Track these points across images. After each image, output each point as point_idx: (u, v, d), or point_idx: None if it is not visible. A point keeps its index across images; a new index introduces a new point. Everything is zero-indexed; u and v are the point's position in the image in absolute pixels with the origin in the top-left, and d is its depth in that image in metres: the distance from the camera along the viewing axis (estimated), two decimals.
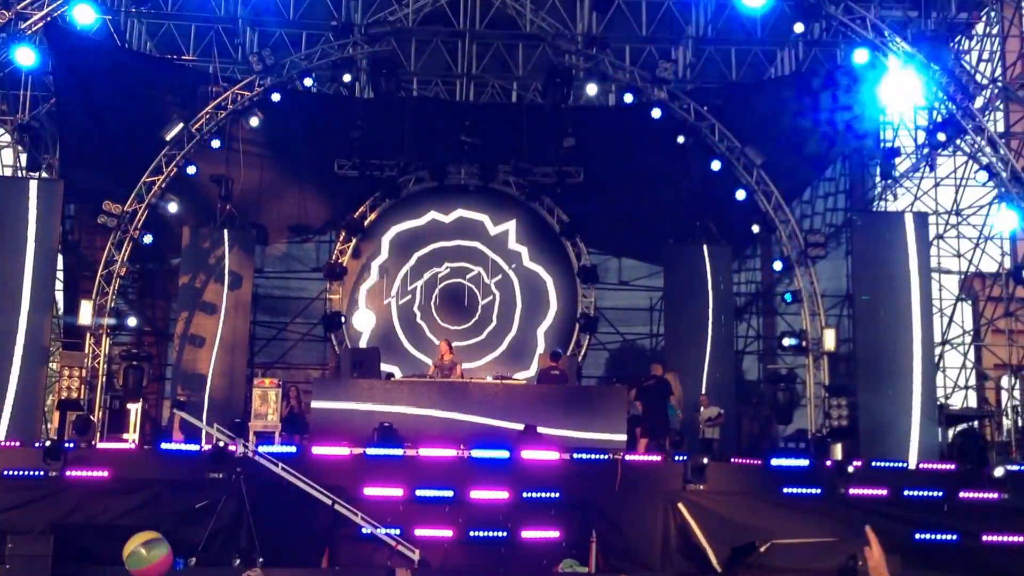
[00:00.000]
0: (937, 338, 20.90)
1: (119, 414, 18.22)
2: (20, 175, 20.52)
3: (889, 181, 22.05)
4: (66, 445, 15.91)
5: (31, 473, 15.22)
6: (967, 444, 18.03)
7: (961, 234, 22.83)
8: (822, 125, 20.57)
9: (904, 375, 18.63)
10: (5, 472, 15.15)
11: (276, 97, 19.60)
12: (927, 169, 22.93)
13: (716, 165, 19.89)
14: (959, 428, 19.69)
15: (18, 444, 16.57)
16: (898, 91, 19.14)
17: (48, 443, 15.80)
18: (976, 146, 19.40)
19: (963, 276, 22.70)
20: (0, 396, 17.54)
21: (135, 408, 17.81)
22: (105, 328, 18.51)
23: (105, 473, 15.17)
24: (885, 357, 18.84)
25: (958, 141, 20.14)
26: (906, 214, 20.60)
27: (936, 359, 20.40)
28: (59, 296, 20.54)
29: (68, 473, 15.14)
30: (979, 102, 20.58)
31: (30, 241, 18.18)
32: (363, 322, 21.58)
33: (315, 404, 17.29)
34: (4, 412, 17.51)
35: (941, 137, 19.60)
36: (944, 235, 22.68)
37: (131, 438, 17.49)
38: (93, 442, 16.70)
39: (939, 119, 20.16)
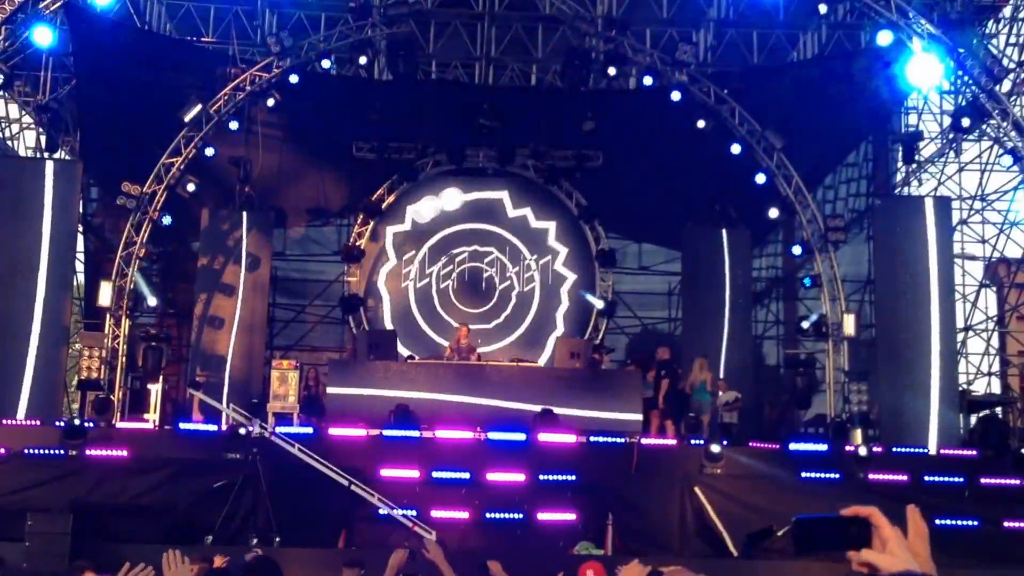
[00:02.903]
0: (960, 324, 20.72)
1: (140, 394, 18.32)
2: (41, 156, 20.59)
3: (913, 166, 21.83)
4: (86, 425, 16.04)
5: (51, 452, 15.35)
6: (989, 430, 17.91)
7: (985, 219, 22.59)
8: (845, 109, 20.39)
9: (925, 361, 18.49)
10: (25, 451, 15.29)
11: (294, 79, 19.57)
12: (952, 154, 22.69)
13: (736, 149, 19.73)
14: (981, 414, 19.54)
15: (38, 423, 16.69)
16: (922, 74, 18.95)
17: (66, 422, 15.95)
18: (1001, 130, 19.19)
19: (987, 262, 22.48)
20: (19, 375, 17.66)
21: (155, 388, 17.90)
22: (125, 309, 18.58)
23: (124, 453, 15.29)
24: (906, 343, 18.70)
25: (983, 125, 19.92)
26: (927, 199, 20.41)
27: (959, 345, 20.23)
28: (81, 277, 20.64)
29: (88, 452, 15.26)
30: (1006, 86, 20.29)
31: (48, 222, 18.27)
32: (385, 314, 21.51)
33: (331, 388, 17.33)
34: (23, 391, 17.62)
35: (965, 122, 19.35)
36: (968, 220, 22.45)
37: (151, 418, 17.58)
38: (112, 422, 16.82)
39: (964, 103, 19.94)
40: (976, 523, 14.96)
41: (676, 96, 19.65)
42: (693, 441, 16.37)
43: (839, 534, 2.21)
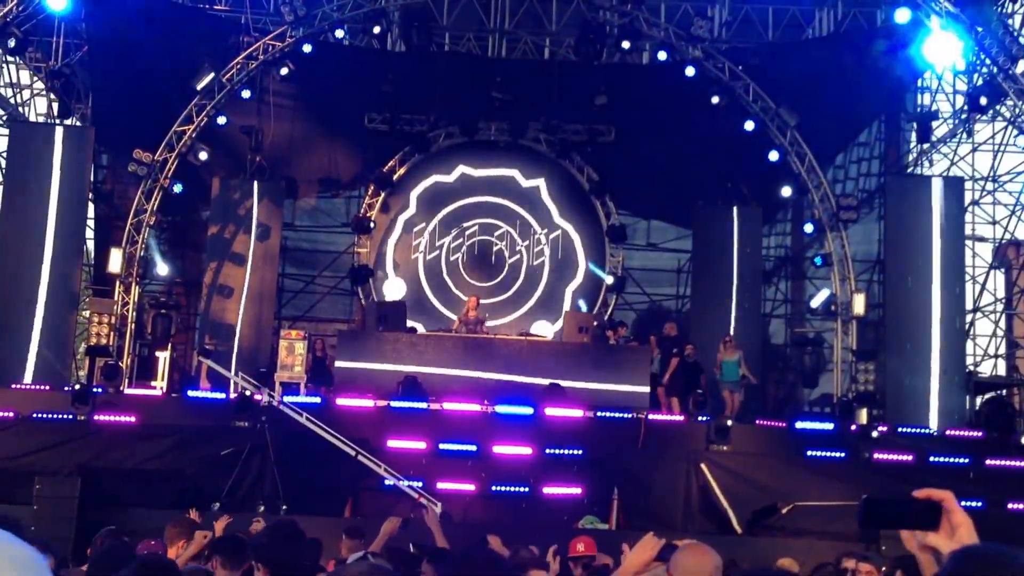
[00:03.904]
0: (969, 305, 20.65)
1: (148, 361, 18.40)
2: (52, 122, 20.59)
3: (925, 146, 21.71)
4: (94, 390, 16.13)
5: (60, 416, 15.45)
6: (995, 412, 17.89)
7: (997, 201, 22.49)
8: (858, 87, 20.25)
9: (933, 342, 18.46)
10: (35, 415, 15.39)
11: (307, 48, 19.51)
12: (964, 134, 22.54)
13: (750, 125, 19.63)
14: (987, 396, 19.51)
15: (48, 388, 16.79)
16: (939, 53, 18.84)
17: (75, 387, 16.04)
18: (1017, 111, 19.06)
19: (997, 244, 22.39)
20: (27, 340, 17.74)
21: (163, 356, 17.97)
22: (135, 276, 18.63)
23: (132, 419, 15.40)
24: (914, 323, 18.68)
25: (998, 106, 19.79)
26: (939, 179, 20.30)
27: (967, 327, 20.18)
28: (91, 244, 20.67)
29: (96, 417, 15.35)
30: (1021, 66, 20.13)
31: (60, 188, 18.30)
32: (393, 289, 21.43)
33: (340, 362, 17.37)
34: (30, 356, 17.70)
35: (982, 101, 19.21)
36: (980, 201, 22.35)
37: (159, 385, 17.66)
38: (121, 388, 16.90)
39: (980, 82, 19.80)
40: (980, 504, 14.96)
41: (690, 72, 19.54)
42: (700, 418, 16.39)
43: (908, 514, 2.19)
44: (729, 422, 16.05)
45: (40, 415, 15.45)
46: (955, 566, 2.07)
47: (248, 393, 15.78)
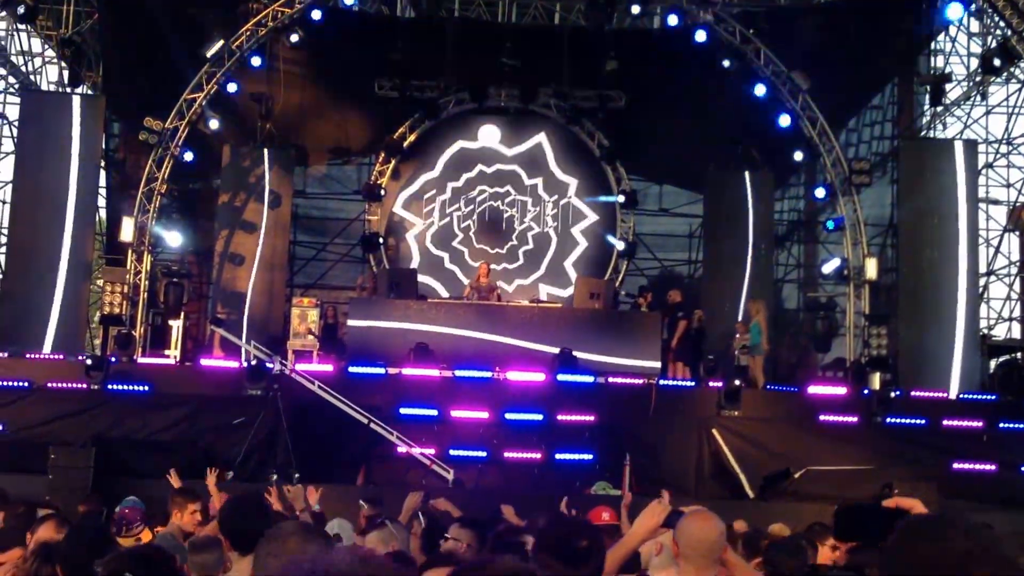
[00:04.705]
0: (982, 269, 20.56)
1: (161, 330, 18.46)
2: (63, 90, 20.57)
3: (939, 109, 21.52)
4: (109, 359, 16.20)
5: (74, 386, 15.53)
6: (1008, 375, 17.86)
7: (1011, 163, 22.34)
8: (871, 50, 20.06)
9: (947, 305, 18.42)
10: (49, 384, 15.47)
11: (317, 15, 19.38)
12: (978, 97, 22.34)
13: (761, 90, 19.46)
14: (1001, 359, 19.47)
15: (62, 357, 16.87)
16: (952, 15, 18.66)
17: (90, 356, 16.12)
18: None
19: (1011, 207, 22.25)
20: (46, 310, 17.80)
21: (176, 324, 18.03)
22: (147, 245, 18.67)
23: (145, 388, 15.46)
24: (928, 287, 18.61)
25: (1012, 68, 19.59)
26: (956, 142, 20.14)
27: (980, 290, 20.10)
28: (103, 213, 20.71)
29: (110, 387, 15.43)
30: None
31: (74, 157, 18.33)
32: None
33: (352, 323, 17.40)
34: (50, 325, 17.77)
35: (996, 63, 19.03)
36: (994, 164, 22.20)
37: (172, 354, 17.73)
38: (134, 357, 16.97)
39: (994, 44, 19.59)
40: (994, 467, 14.99)
41: (701, 36, 19.34)
42: (712, 383, 16.38)
43: (881, 524, 2.21)
44: (737, 382, 16.05)
45: (54, 385, 15.55)
46: (899, 536, 2.08)
47: (260, 361, 15.84)
